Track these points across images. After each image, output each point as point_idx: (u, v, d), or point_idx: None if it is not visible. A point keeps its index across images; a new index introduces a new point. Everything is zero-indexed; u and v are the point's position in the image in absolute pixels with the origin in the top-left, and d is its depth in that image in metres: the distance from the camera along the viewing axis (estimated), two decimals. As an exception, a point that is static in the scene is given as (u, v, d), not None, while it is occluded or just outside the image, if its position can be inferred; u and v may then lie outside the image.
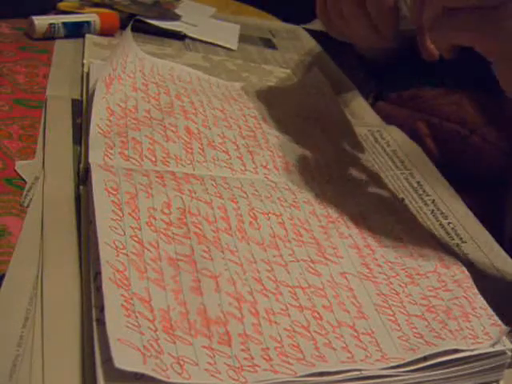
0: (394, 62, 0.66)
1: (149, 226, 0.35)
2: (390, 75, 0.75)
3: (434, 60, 0.45)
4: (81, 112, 0.47)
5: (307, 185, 0.44)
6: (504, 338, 0.33)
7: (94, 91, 0.45)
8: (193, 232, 0.36)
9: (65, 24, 0.61)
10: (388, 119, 0.61)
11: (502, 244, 0.46)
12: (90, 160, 0.39)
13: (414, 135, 0.57)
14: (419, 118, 0.62)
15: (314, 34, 0.81)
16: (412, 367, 0.31)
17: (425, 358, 0.31)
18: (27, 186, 0.39)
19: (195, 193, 0.39)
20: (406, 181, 0.51)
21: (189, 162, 0.43)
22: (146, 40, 0.64)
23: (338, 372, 0.30)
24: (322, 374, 0.30)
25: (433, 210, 0.48)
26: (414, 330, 0.34)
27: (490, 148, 0.59)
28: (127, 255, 0.32)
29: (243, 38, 0.74)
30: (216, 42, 0.70)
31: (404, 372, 0.31)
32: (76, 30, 0.62)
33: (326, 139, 0.52)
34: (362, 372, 0.30)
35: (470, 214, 0.48)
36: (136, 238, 0.33)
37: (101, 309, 0.28)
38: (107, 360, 0.26)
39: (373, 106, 0.65)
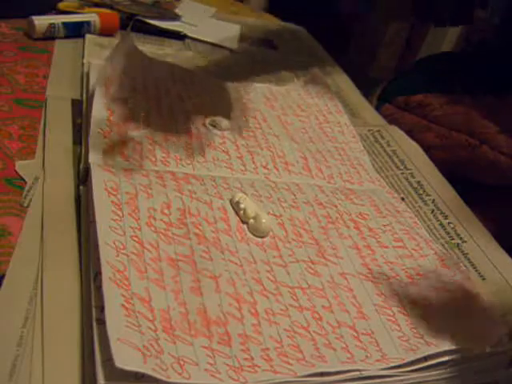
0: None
1: (149, 227, 0.35)
2: (400, 78, 0.75)
3: None
4: (81, 112, 0.47)
5: (307, 185, 0.44)
6: (504, 338, 0.33)
7: (93, 91, 0.45)
8: (193, 232, 0.36)
9: (65, 24, 0.61)
10: (394, 124, 0.60)
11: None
12: (90, 160, 0.39)
13: (422, 145, 0.57)
14: (427, 127, 0.62)
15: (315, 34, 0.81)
16: (412, 367, 0.31)
17: (425, 358, 0.31)
18: (27, 186, 0.39)
19: (195, 193, 0.39)
20: (406, 180, 0.51)
21: (189, 162, 0.43)
22: (146, 40, 0.65)
23: (338, 372, 0.30)
24: (321, 374, 0.30)
25: (433, 210, 0.48)
26: (414, 331, 0.34)
27: (504, 159, 0.59)
28: (127, 255, 0.32)
29: (243, 38, 0.74)
30: (216, 42, 0.70)
31: (404, 372, 0.31)
32: (76, 30, 0.62)
33: (327, 139, 0.52)
34: (362, 372, 0.30)
35: (470, 213, 0.48)
36: (136, 238, 0.33)
37: (101, 309, 0.28)
38: (107, 360, 0.26)
39: (378, 107, 0.65)
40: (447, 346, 0.32)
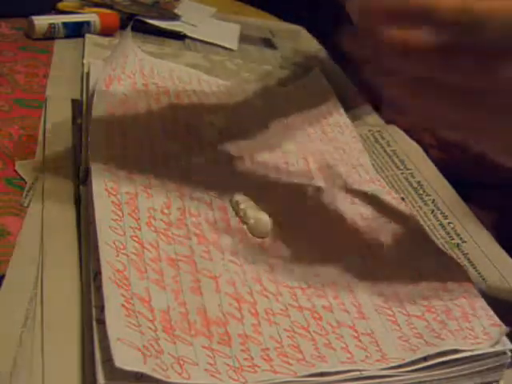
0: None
1: (149, 227, 0.35)
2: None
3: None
4: (81, 112, 0.47)
5: (307, 186, 0.44)
6: (504, 338, 0.33)
7: (93, 91, 0.45)
8: (192, 232, 0.36)
9: (65, 24, 0.61)
10: (393, 124, 0.60)
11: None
12: (90, 160, 0.39)
13: (420, 145, 0.57)
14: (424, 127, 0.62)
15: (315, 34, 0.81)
16: (412, 367, 0.31)
17: (425, 359, 0.31)
18: (27, 186, 0.39)
19: (195, 193, 0.39)
20: (406, 180, 0.51)
21: (188, 162, 0.43)
22: (146, 40, 0.65)
23: (338, 372, 0.30)
24: (321, 374, 0.30)
25: (433, 210, 0.48)
26: (414, 331, 0.34)
27: (500, 158, 0.58)
28: (127, 255, 0.32)
29: (243, 38, 0.74)
30: (216, 42, 0.70)
31: (404, 372, 0.31)
32: (76, 30, 0.62)
33: (327, 140, 0.52)
34: (362, 372, 0.30)
35: (470, 213, 0.48)
36: (136, 238, 0.33)
37: (101, 309, 0.28)
38: (107, 360, 0.26)
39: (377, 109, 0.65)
40: (447, 346, 0.32)
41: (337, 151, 0.50)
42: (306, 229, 0.40)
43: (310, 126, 0.53)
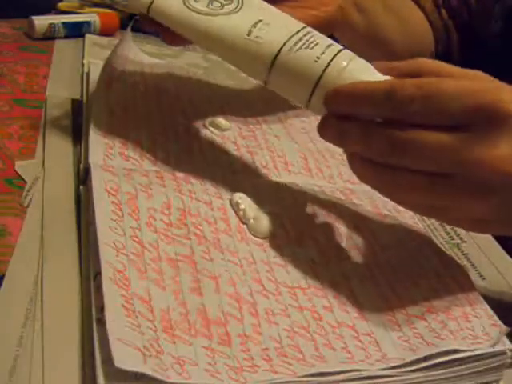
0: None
1: (148, 227, 0.35)
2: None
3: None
4: (81, 112, 0.47)
5: (307, 185, 0.44)
6: (504, 338, 0.33)
7: (93, 91, 0.45)
8: (193, 233, 0.36)
9: (65, 24, 0.61)
10: None
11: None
12: (90, 160, 0.39)
13: None
14: None
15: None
16: (412, 367, 0.31)
17: (425, 358, 0.31)
18: (27, 186, 0.39)
19: (195, 193, 0.39)
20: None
21: (189, 162, 0.43)
22: (146, 40, 0.65)
23: (338, 372, 0.30)
24: (321, 374, 0.30)
25: (433, 210, 0.48)
26: (414, 331, 0.34)
27: None
28: (127, 255, 0.32)
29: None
30: (216, 42, 0.70)
31: (404, 372, 0.31)
32: (76, 30, 0.62)
33: (326, 139, 0.52)
34: (362, 372, 0.30)
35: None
36: (136, 239, 0.33)
37: (101, 309, 0.28)
38: (107, 360, 0.26)
39: None
40: (447, 346, 0.32)
41: (337, 151, 0.50)
42: (306, 229, 0.40)
43: (310, 126, 0.53)
